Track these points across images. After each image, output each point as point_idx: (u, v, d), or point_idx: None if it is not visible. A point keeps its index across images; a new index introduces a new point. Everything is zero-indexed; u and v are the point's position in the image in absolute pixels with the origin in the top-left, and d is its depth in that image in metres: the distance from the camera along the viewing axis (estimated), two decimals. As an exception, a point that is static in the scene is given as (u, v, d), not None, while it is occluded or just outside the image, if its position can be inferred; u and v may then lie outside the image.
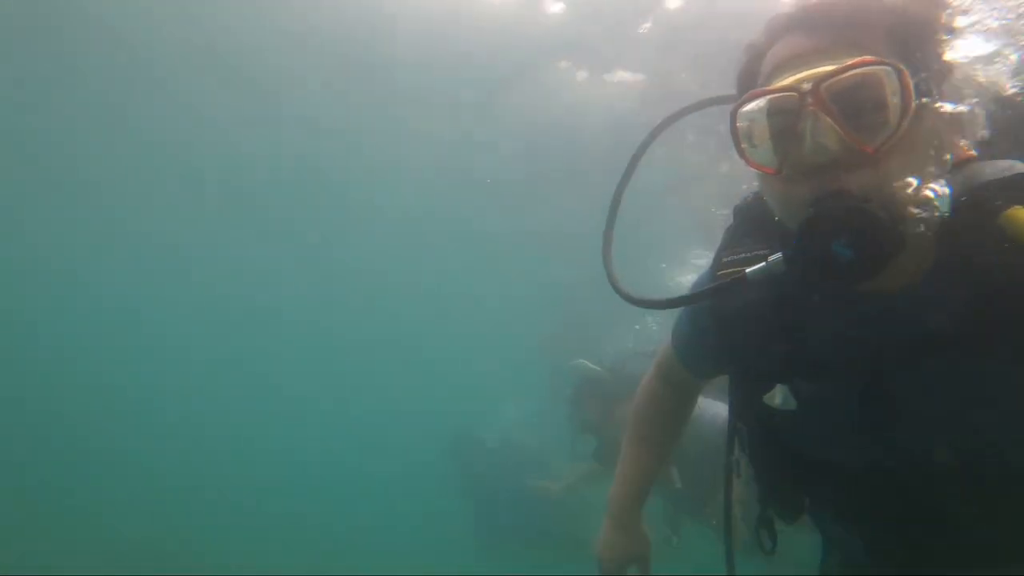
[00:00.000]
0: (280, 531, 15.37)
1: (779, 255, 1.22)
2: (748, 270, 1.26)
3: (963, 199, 1.15)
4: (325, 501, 17.65)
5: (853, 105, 1.10)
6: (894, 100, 1.09)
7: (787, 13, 1.22)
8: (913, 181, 1.10)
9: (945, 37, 1.21)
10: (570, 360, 5.08)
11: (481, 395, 13.30)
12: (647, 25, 6.46)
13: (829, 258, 1.10)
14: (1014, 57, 1.67)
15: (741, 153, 1.22)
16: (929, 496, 1.28)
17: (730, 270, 1.36)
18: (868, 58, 1.10)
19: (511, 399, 12.44)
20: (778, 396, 1.33)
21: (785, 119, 1.15)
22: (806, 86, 1.11)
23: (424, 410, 14.20)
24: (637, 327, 10.49)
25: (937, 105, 1.15)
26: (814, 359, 1.29)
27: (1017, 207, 1.11)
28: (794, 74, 1.14)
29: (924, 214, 1.09)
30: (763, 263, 1.24)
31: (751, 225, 1.38)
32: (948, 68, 1.20)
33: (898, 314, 1.21)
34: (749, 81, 1.28)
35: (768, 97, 1.18)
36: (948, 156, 1.17)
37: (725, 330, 1.40)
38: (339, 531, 16.21)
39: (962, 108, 1.21)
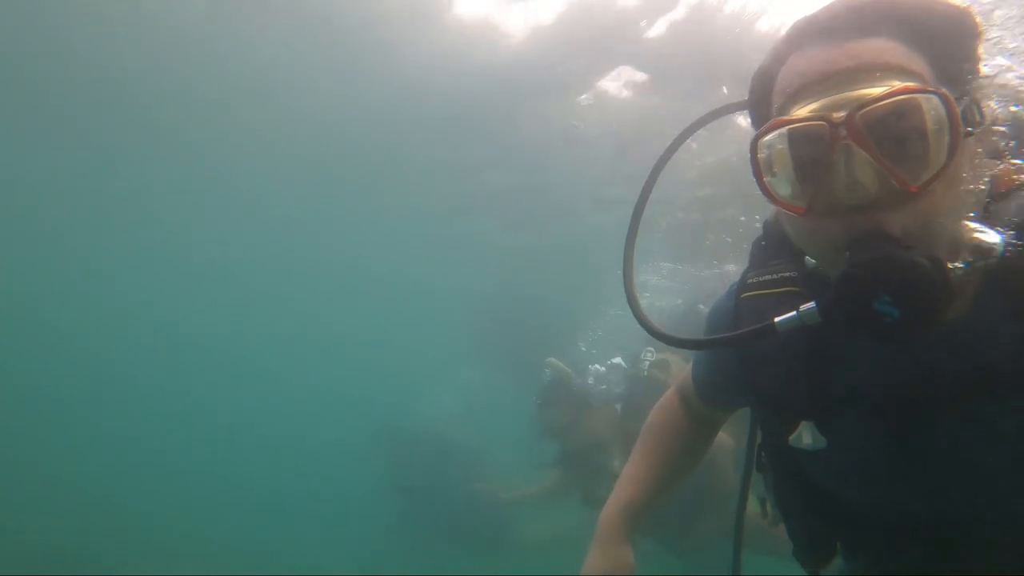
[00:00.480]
0: (199, 524, 14.72)
1: (812, 306, 1.07)
2: (777, 320, 1.11)
3: (1014, 232, 1.04)
4: (248, 489, 17.08)
5: (892, 136, 0.97)
6: (937, 131, 0.96)
7: (812, 18, 1.07)
8: (958, 220, 0.99)
9: (981, 51, 1.07)
10: (544, 358, 4.95)
11: (413, 388, 13.10)
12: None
13: (871, 317, 0.97)
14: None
15: (764, 188, 1.07)
16: (967, 550, 1.18)
17: (754, 293, 1.25)
18: (912, 85, 0.96)
19: (444, 392, 12.34)
20: (807, 436, 1.20)
21: (813, 150, 1.01)
22: (839, 115, 0.97)
23: (354, 401, 13.86)
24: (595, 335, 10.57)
25: (978, 133, 1.03)
26: (848, 395, 1.16)
27: None
28: (822, 97, 1.00)
29: (977, 262, 0.99)
30: (794, 313, 1.09)
31: (780, 242, 1.21)
32: (987, 85, 1.08)
33: (944, 349, 1.08)
34: (765, 98, 1.12)
35: (793, 126, 1.02)
36: (985, 183, 1.06)
37: (748, 368, 1.27)
38: (260, 524, 15.72)
39: (1001, 129, 1.09)
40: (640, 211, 1.44)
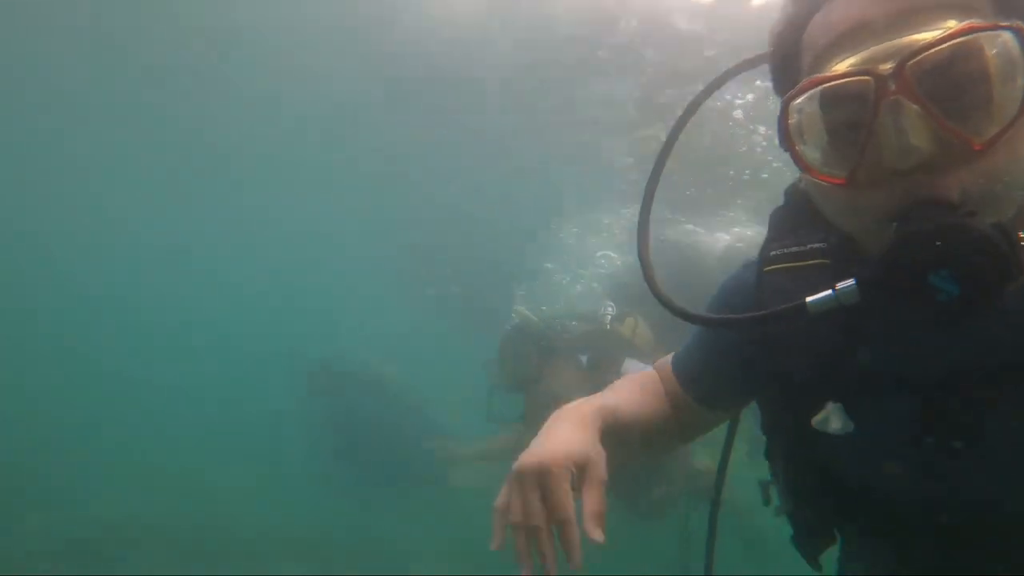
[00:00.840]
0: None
1: (851, 283, 0.93)
2: (809, 300, 0.97)
3: None
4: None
5: (951, 85, 0.84)
6: (1006, 76, 0.83)
7: None
8: None
9: None
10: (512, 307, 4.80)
11: (343, 327, 12.79)
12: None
13: (926, 293, 0.84)
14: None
15: (796, 158, 0.94)
16: (989, 546, 1.09)
17: (780, 266, 1.10)
18: (974, 23, 0.82)
19: (375, 329, 12.05)
20: (835, 420, 1.07)
21: (855, 112, 0.87)
22: (886, 66, 0.83)
23: (280, 341, 13.37)
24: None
25: None
26: (884, 375, 1.04)
27: None
28: (864, 48, 0.86)
29: None
30: (830, 292, 0.95)
31: (806, 210, 1.07)
32: None
33: (996, 327, 0.96)
34: (792, 54, 0.98)
35: (833, 83, 0.88)
36: None
37: (768, 348, 1.13)
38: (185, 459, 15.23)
39: None
40: (657, 175, 1.27)
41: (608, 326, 4.62)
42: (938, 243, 0.81)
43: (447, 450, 5.82)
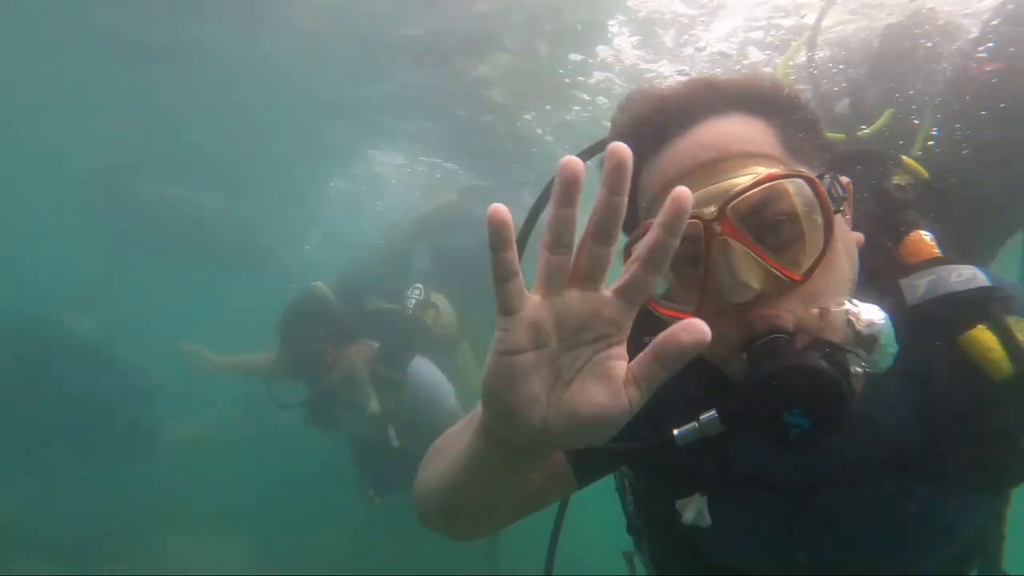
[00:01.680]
0: None
1: (714, 416, 1.05)
2: (677, 433, 1.07)
3: (918, 310, 1.09)
4: None
5: (767, 226, 0.97)
6: (809, 214, 0.97)
7: (647, 114, 1.04)
8: (846, 304, 0.97)
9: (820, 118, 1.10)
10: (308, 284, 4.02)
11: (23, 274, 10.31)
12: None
13: (782, 430, 0.94)
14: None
15: (648, 300, 1.00)
16: None
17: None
18: (777, 171, 0.96)
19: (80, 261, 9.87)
20: (690, 511, 1.17)
21: (689, 249, 0.96)
22: (709, 210, 0.94)
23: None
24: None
25: (844, 207, 1.04)
26: (748, 477, 1.15)
27: (979, 327, 1.05)
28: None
29: (873, 356, 0.97)
30: (695, 424, 1.06)
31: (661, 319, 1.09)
32: (839, 155, 1.11)
33: (848, 438, 1.04)
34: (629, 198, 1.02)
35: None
36: (856, 259, 1.05)
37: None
38: None
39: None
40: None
41: (410, 311, 4.21)
42: (787, 386, 0.92)
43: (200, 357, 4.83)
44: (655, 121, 1.03)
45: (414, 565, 4.82)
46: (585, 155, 1.25)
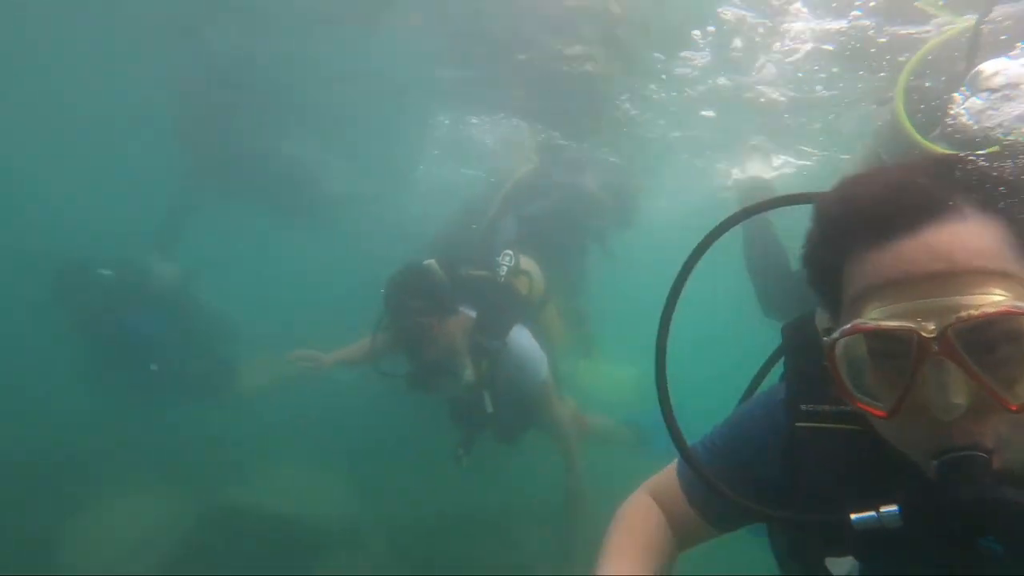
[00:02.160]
0: None
1: (895, 510, 1.02)
2: (854, 518, 1.05)
3: None
4: None
5: (985, 344, 0.91)
6: None
7: (869, 207, 0.96)
8: None
9: None
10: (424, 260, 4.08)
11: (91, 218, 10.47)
12: None
13: (972, 551, 0.95)
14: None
15: (842, 388, 1.01)
16: None
17: (812, 424, 1.19)
18: (1019, 306, 0.88)
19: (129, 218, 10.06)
20: (840, 569, 1.16)
21: (895, 347, 0.94)
22: (930, 327, 0.90)
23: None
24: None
25: None
26: (906, 552, 1.10)
27: None
28: (905, 300, 0.92)
29: None
30: (874, 514, 1.04)
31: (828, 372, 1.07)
32: None
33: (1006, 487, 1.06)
34: (832, 286, 1.03)
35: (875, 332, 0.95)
36: None
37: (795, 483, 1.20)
38: None
39: None
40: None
41: (502, 278, 4.25)
42: (984, 516, 0.91)
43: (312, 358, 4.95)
44: (880, 215, 0.95)
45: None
46: (767, 205, 1.27)
